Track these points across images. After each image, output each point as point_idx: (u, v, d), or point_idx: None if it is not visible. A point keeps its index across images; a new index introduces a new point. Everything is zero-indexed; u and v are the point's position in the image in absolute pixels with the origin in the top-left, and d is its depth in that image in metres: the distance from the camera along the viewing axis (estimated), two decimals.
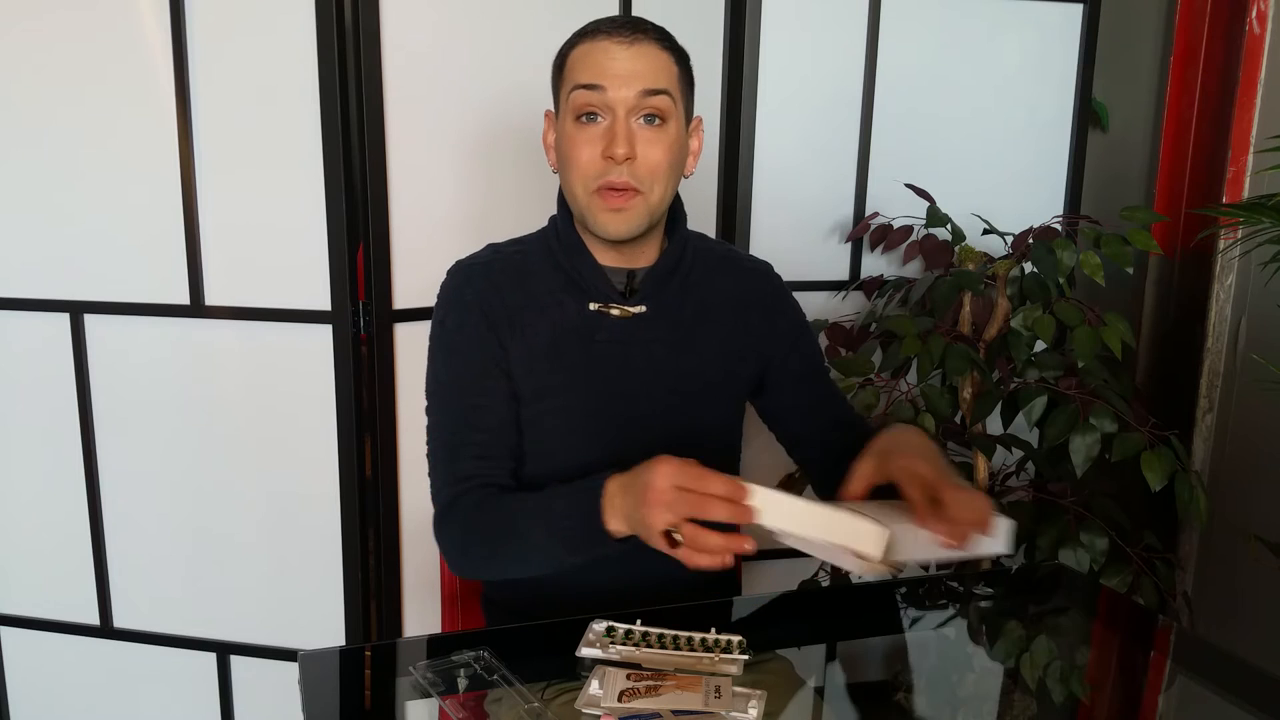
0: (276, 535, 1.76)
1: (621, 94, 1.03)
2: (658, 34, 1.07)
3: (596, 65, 1.04)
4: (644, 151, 1.04)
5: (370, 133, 1.61)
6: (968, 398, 1.70)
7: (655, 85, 1.04)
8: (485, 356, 1.12)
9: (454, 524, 1.11)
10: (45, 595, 1.86)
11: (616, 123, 1.03)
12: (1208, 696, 0.97)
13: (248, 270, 1.67)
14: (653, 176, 1.05)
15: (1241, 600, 2.00)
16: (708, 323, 1.16)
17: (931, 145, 1.88)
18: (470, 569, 1.15)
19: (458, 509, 1.11)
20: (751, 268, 1.23)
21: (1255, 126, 1.97)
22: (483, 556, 1.10)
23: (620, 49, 1.04)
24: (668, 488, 0.87)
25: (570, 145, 1.06)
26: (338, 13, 1.57)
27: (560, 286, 1.13)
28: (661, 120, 1.05)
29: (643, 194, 1.06)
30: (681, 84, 1.08)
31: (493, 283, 1.13)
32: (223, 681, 1.83)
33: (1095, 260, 1.59)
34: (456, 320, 1.13)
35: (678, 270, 1.15)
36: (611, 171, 1.04)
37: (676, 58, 1.08)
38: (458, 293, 1.14)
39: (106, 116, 1.63)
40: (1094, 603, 1.18)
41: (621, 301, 1.12)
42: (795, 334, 1.23)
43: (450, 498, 1.12)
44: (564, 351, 1.12)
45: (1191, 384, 2.08)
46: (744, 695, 0.85)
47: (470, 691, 0.87)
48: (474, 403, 1.11)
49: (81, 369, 1.74)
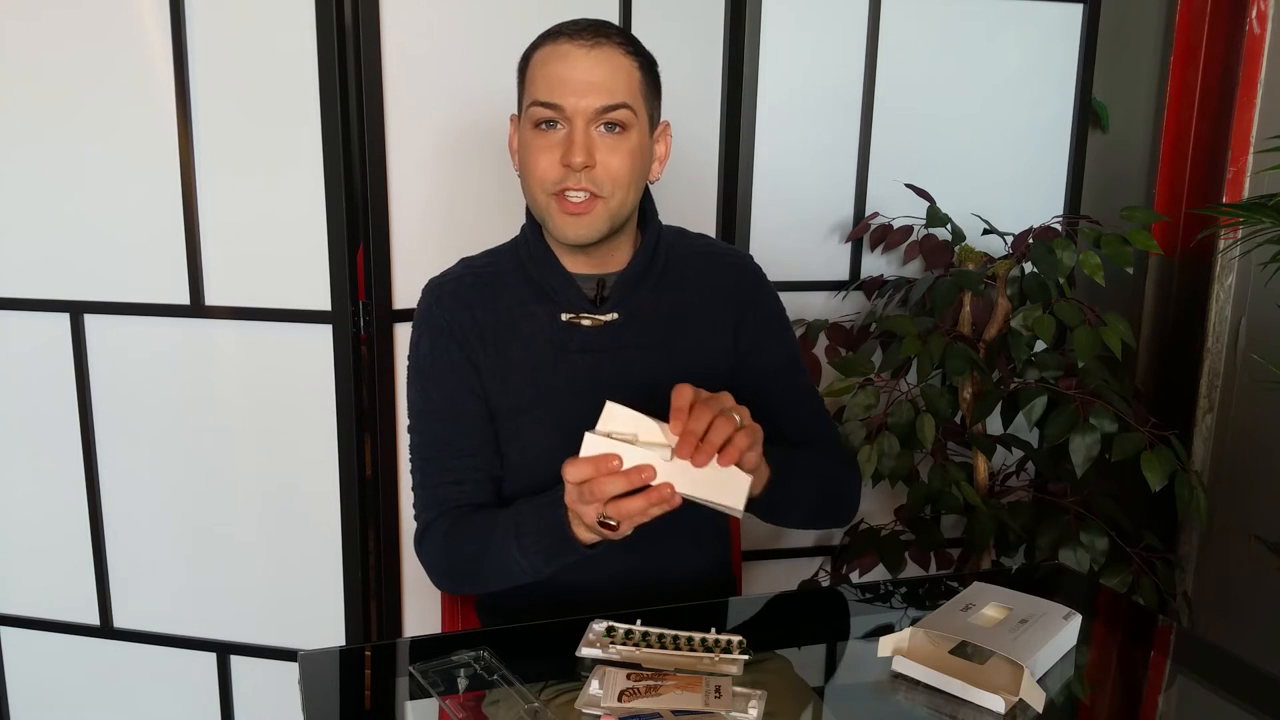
0: (276, 535, 1.76)
1: (579, 106, 1.03)
2: (621, 38, 1.06)
3: (556, 78, 1.03)
4: (604, 159, 1.04)
5: (370, 132, 1.61)
6: (968, 398, 1.70)
7: (614, 100, 1.03)
8: (458, 381, 1.13)
9: (433, 548, 1.15)
10: (45, 595, 1.86)
11: (575, 131, 1.03)
12: (1208, 696, 0.97)
13: (248, 270, 1.67)
14: (614, 183, 1.05)
15: (1241, 600, 2.00)
16: (683, 324, 1.16)
17: (931, 145, 1.88)
18: (455, 588, 1.20)
19: (434, 533, 1.14)
20: (729, 262, 1.21)
21: (1255, 126, 1.97)
22: (465, 575, 1.14)
23: (581, 53, 1.03)
24: (572, 490, 0.90)
25: (528, 151, 1.07)
26: (338, 13, 1.57)
27: (532, 298, 1.13)
28: (622, 128, 1.05)
29: (603, 199, 1.05)
30: (645, 91, 1.07)
31: (464, 301, 1.14)
32: (223, 681, 1.83)
33: (1095, 260, 1.59)
34: (429, 344, 1.15)
35: (649, 273, 1.15)
36: (569, 178, 1.04)
37: (640, 63, 1.07)
38: (429, 314, 1.15)
39: (106, 116, 1.63)
40: (1094, 603, 1.18)
41: (592, 310, 1.12)
42: (769, 327, 1.21)
43: (426, 522, 1.16)
44: (539, 365, 1.12)
45: (1191, 384, 2.08)
46: (744, 695, 0.85)
47: (470, 691, 0.87)
48: (449, 428, 1.14)
49: (81, 369, 1.74)
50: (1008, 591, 1.03)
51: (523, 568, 1.04)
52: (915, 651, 0.94)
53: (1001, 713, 0.86)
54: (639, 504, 0.88)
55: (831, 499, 1.19)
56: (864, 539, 1.75)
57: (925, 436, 1.63)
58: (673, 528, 0.97)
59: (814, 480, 1.14)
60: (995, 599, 1.00)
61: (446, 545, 1.13)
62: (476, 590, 1.22)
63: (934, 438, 1.64)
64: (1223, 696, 0.96)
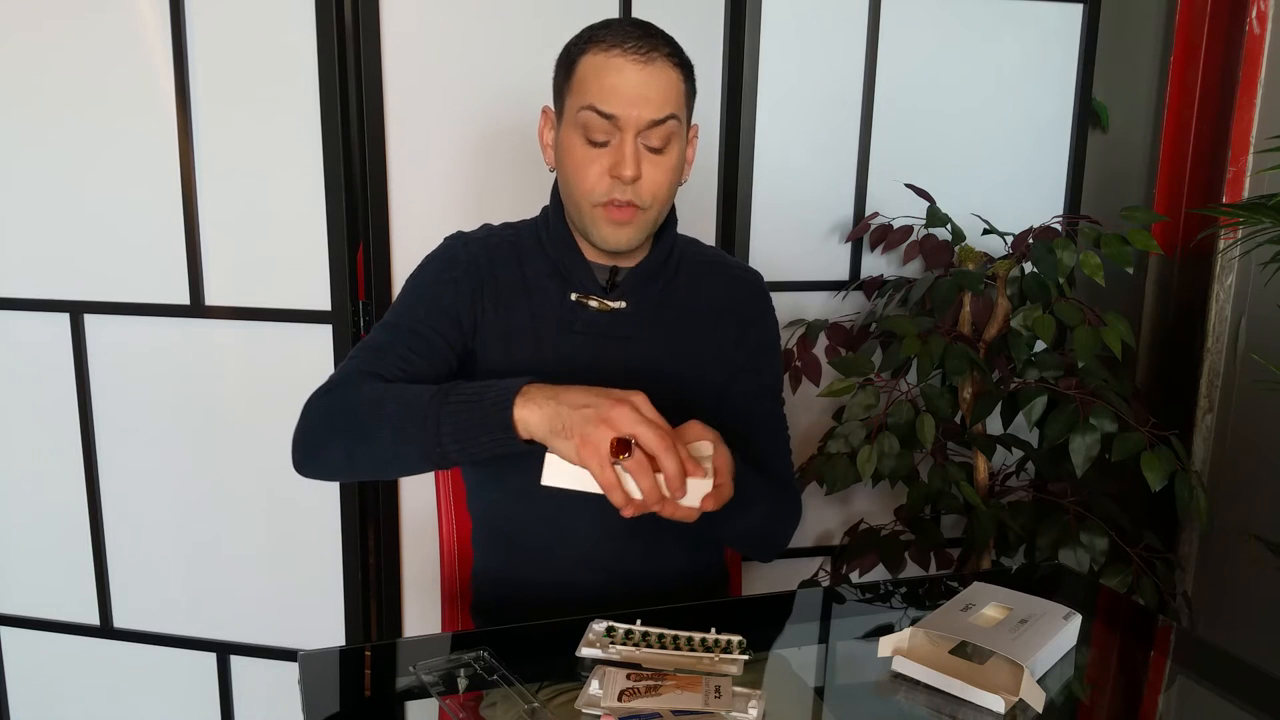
0: (276, 535, 1.77)
1: (631, 119, 1.03)
2: (669, 48, 1.05)
3: (610, 89, 1.02)
4: (649, 173, 1.05)
5: (370, 132, 1.61)
6: (968, 398, 1.70)
7: (664, 113, 1.04)
8: (449, 305, 1.11)
9: (322, 394, 1.02)
10: (45, 595, 1.86)
11: (625, 145, 1.03)
12: (1208, 696, 0.97)
13: (248, 270, 1.67)
14: (654, 196, 1.07)
15: (1241, 600, 2.00)
16: (687, 328, 1.16)
17: (931, 145, 1.88)
18: (317, 442, 1.00)
19: (349, 381, 1.02)
20: (739, 275, 1.23)
21: (1255, 126, 1.97)
22: (345, 423, 0.97)
23: (635, 69, 1.02)
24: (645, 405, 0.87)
25: (575, 161, 1.06)
26: (338, 13, 1.57)
27: (545, 272, 1.14)
28: (667, 142, 1.06)
29: (643, 210, 1.07)
30: (687, 100, 1.09)
31: (489, 255, 1.14)
32: (223, 681, 1.83)
33: (1095, 260, 1.59)
34: (437, 269, 1.14)
35: (661, 273, 1.16)
36: (616, 190, 1.05)
37: (685, 74, 1.07)
38: (451, 252, 1.15)
39: (107, 116, 1.63)
40: (1094, 603, 1.18)
41: (602, 294, 1.13)
42: (765, 350, 1.22)
43: (346, 374, 1.04)
44: (541, 335, 1.12)
45: (1191, 384, 2.08)
46: (744, 695, 0.85)
47: (470, 691, 0.87)
48: (419, 329, 1.09)
49: (81, 369, 1.74)
50: (1008, 591, 1.03)
51: (418, 426, 0.91)
52: (915, 651, 0.94)
53: (1001, 713, 0.86)
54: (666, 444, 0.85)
55: (760, 540, 1.19)
56: (864, 539, 1.75)
57: (925, 436, 1.63)
58: (662, 528, 0.97)
59: (755, 518, 1.13)
60: (995, 599, 1.00)
61: (345, 392, 1.00)
62: (336, 455, 0.99)
63: (934, 438, 1.64)
64: (1223, 696, 0.96)
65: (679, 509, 0.89)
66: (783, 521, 1.20)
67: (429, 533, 1.14)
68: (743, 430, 1.13)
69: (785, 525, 1.20)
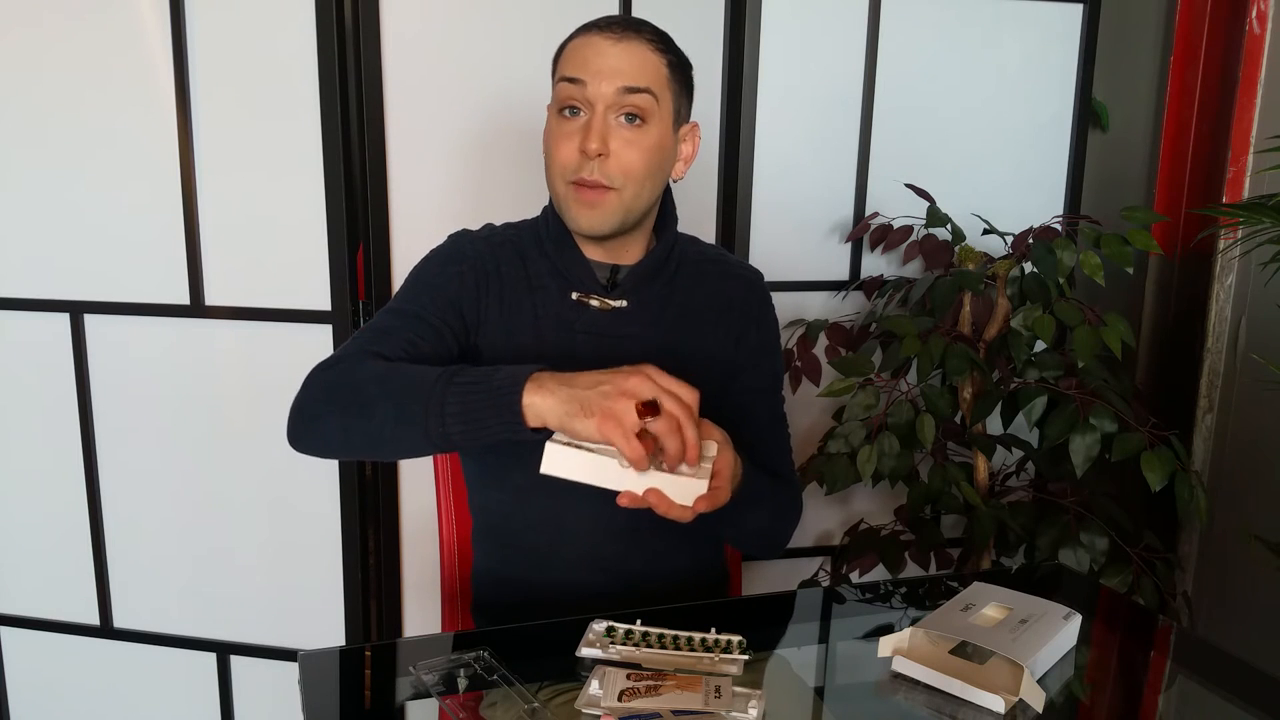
0: (277, 535, 1.77)
1: (601, 89, 1.03)
2: (653, 34, 1.07)
3: (583, 59, 1.04)
4: (619, 150, 1.04)
5: (370, 132, 1.61)
6: (968, 398, 1.70)
7: (636, 83, 1.03)
8: (455, 296, 1.11)
9: (334, 367, 1.00)
10: (45, 595, 1.86)
11: (594, 118, 1.04)
12: (1208, 696, 0.97)
13: (248, 270, 1.67)
14: (626, 175, 1.05)
15: (1241, 600, 2.00)
16: (688, 326, 1.16)
17: (931, 145, 1.88)
18: (316, 415, 0.99)
19: (352, 357, 1.01)
20: (739, 273, 1.23)
21: (1255, 126, 1.97)
22: (347, 398, 0.95)
23: (608, 44, 1.04)
24: (659, 373, 0.88)
25: (550, 138, 1.08)
26: (338, 13, 1.57)
27: (547, 272, 1.14)
28: (642, 120, 1.05)
29: (615, 191, 1.06)
30: (672, 85, 1.08)
31: (493, 253, 1.15)
32: (223, 681, 1.83)
33: (1095, 260, 1.59)
34: (443, 262, 1.14)
35: (661, 271, 1.16)
36: (584, 168, 1.04)
37: (669, 60, 1.07)
38: (457, 247, 1.15)
39: (107, 116, 1.63)
40: (1094, 603, 1.18)
41: (603, 294, 1.13)
42: (766, 348, 1.22)
43: (350, 352, 1.02)
44: (543, 335, 1.12)
45: (1191, 384, 2.08)
46: (744, 695, 0.85)
47: (470, 692, 0.87)
48: (424, 315, 1.08)
49: (81, 369, 1.74)
50: (1008, 591, 1.03)
51: (430, 411, 0.89)
52: (915, 651, 0.94)
53: (1001, 713, 0.86)
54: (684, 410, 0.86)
55: (765, 538, 1.20)
56: (864, 539, 1.75)
57: (925, 436, 1.63)
58: (663, 528, 0.97)
59: (762, 516, 1.14)
60: (995, 599, 1.00)
61: (348, 366, 0.98)
62: (331, 428, 0.98)
63: (934, 438, 1.64)
64: (1223, 696, 0.96)
65: (674, 507, 0.89)
66: (786, 519, 1.21)
67: (429, 533, 1.14)
68: (744, 427, 1.13)
69: (788, 522, 1.21)
